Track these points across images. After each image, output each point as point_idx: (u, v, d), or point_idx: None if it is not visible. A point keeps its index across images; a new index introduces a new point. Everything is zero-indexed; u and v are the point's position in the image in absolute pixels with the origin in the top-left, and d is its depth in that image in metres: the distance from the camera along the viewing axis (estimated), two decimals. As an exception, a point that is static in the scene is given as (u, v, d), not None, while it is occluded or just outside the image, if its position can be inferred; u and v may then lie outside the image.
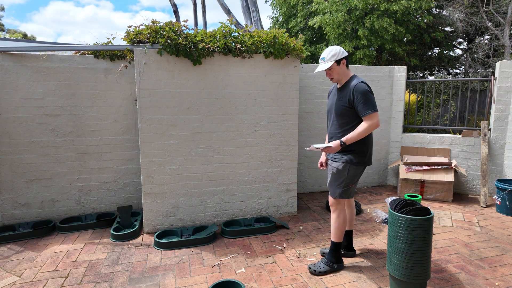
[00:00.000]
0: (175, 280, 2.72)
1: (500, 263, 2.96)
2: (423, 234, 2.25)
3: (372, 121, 2.59)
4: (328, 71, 2.74)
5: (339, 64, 2.70)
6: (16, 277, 2.78)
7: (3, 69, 3.59)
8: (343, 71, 2.74)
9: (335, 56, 2.68)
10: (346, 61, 2.72)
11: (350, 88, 2.67)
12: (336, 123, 2.79)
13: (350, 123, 2.71)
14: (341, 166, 2.73)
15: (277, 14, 14.58)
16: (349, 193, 2.82)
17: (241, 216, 3.95)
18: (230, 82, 3.67)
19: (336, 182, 2.78)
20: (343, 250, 3.09)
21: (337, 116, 2.76)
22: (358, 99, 2.61)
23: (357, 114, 2.67)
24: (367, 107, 2.59)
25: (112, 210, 4.12)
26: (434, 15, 11.50)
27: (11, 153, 3.71)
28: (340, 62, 2.70)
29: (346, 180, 2.75)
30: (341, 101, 2.73)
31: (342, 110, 2.72)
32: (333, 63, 2.68)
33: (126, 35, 3.38)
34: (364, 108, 2.60)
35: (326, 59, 2.71)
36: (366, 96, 2.60)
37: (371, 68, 5.13)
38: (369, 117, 2.60)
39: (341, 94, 2.75)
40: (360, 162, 2.73)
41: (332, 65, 2.69)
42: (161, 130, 3.52)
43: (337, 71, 2.72)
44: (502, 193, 4.13)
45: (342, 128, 2.74)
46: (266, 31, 3.74)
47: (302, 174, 5.03)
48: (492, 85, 4.79)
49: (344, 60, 2.71)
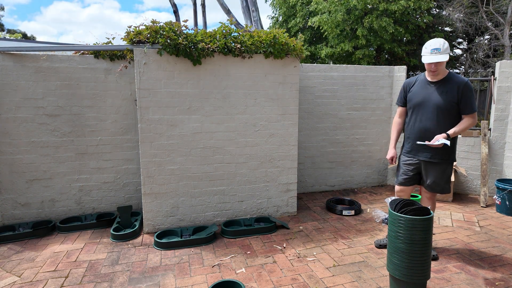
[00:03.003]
0: (175, 280, 2.72)
1: (500, 263, 2.96)
2: (423, 234, 2.25)
3: (474, 119, 2.71)
4: (438, 63, 2.68)
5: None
6: (16, 277, 2.78)
7: (3, 69, 3.59)
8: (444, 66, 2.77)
9: (448, 49, 2.67)
10: None
11: (459, 84, 2.68)
12: (435, 117, 2.77)
13: (451, 118, 2.75)
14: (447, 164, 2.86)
15: (277, 14, 14.58)
16: None
17: (241, 216, 3.95)
18: (230, 82, 3.67)
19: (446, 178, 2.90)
20: None
21: (440, 111, 2.75)
22: (467, 96, 2.67)
23: (457, 110, 2.74)
24: (474, 105, 2.70)
25: (112, 210, 4.12)
26: (434, 15, 11.50)
27: (11, 153, 3.71)
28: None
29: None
30: (447, 96, 2.72)
31: (449, 105, 2.72)
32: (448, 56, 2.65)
33: (126, 35, 3.38)
34: (471, 106, 2.68)
35: (441, 50, 2.63)
36: (473, 94, 2.70)
37: (371, 68, 5.13)
38: (473, 116, 2.71)
39: (443, 88, 2.74)
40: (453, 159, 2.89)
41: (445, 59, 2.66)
42: (161, 130, 3.52)
43: (444, 65, 2.73)
44: (502, 193, 4.13)
45: (442, 123, 2.76)
46: (266, 31, 3.74)
47: (302, 174, 5.03)
48: (492, 85, 4.79)
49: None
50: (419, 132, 2.89)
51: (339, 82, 5.01)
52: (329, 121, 5.06)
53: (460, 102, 2.69)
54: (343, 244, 3.36)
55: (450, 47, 12.56)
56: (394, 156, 3.14)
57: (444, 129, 2.75)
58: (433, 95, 2.77)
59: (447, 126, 2.75)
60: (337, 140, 5.16)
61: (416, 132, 2.91)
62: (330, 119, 5.06)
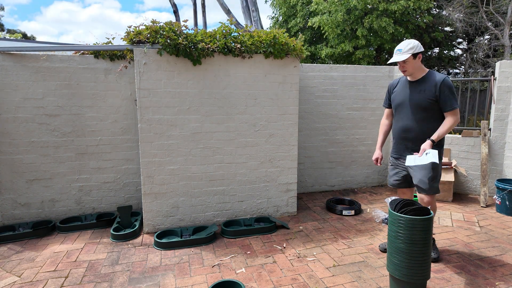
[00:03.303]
0: (175, 280, 2.72)
1: (500, 263, 2.96)
2: (423, 234, 2.25)
3: (457, 116, 2.67)
4: (403, 63, 2.75)
5: (415, 57, 2.72)
6: (16, 277, 2.78)
7: (3, 69, 3.59)
8: (418, 65, 2.75)
9: (413, 49, 2.68)
10: (422, 55, 2.76)
11: (436, 81, 2.68)
12: (415, 116, 2.78)
13: (431, 117, 2.73)
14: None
15: (277, 14, 14.58)
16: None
17: (241, 216, 3.95)
18: (230, 82, 3.67)
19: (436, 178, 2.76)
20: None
21: (419, 110, 2.76)
22: (445, 94, 2.64)
23: (438, 108, 2.70)
24: (454, 102, 2.64)
25: (112, 210, 4.12)
26: (434, 15, 11.50)
27: (11, 153, 3.71)
28: (417, 56, 2.72)
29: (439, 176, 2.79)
30: (425, 94, 2.72)
31: (427, 103, 2.72)
32: (409, 55, 2.68)
33: (126, 35, 3.38)
34: (451, 103, 2.64)
35: (403, 51, 2.71)
36: (452, 91, 2.65)
37: (370, 68, 5.14)
38: (454, 112, 2.66)
39: (421, 87, 2.75)
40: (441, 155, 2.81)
41: (408, 58, 2.69)
42: (161, 130, 3.52)
43: (413, 64, 2.74)
44: (502, 193, 4.13)
45: (422, 122, 2.76)
46: (266, 31, 3.74)
47: (302, 174, 5.03)
48: (492, 85, 4.79)
49: (420, 54, 2.73)
50: (400, 131, 2.92)
51: (339, 82, 5.01)
52: (329, 121, 5.06)
53: (440, 99, 2.68)
54: (343, 244, 3.36)
55: (450, 47, 12.57)
56: (379, 157, 3.14)
57: (424, 127, 2.76)
58: (412, 94, 2.80)
59: (427, 124, 2.75)
60: (337, 140, 5.16)
61: (398, 131, 2.95)
62: (330, 119, 5.06)
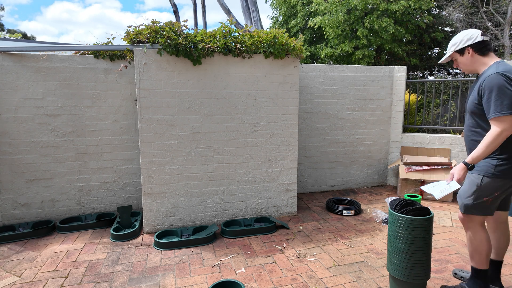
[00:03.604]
0: (175, 280, 2.72)
1: (500, 263, 2.95)
2: (423, 234, 2.25)
3: (503, 126, 2.02)
4: (454, 61, 2.38)
5: (463, 54, 2.28)
6: (16, 277, 2.78)
7: (3, 69, 3.59)
8: (472, 61, 2.27)
9: (455, 45, 2.29)
10: (474, 48, 2.23)
11: (483, 78, 2.15)
12: (467, 122, 2.33)
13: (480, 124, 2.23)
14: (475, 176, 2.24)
15: (277, 14, 14.59)
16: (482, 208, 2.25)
17: (241, 216, 3.95)
18: (230, 82, 3.67)
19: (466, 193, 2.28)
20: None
21: (469, 114, 2.30)
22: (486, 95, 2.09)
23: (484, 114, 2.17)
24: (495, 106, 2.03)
25: (112, 210, 4.12)
26: (434, 15, 11.51)
27: (11, 153, 3.71)
28: (464, 52, 2.27)
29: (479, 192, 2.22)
30: (472, 95, 2.24)
31: (473, 107, 2.23)
32: (451, 53, 2.34)
33: (126, 35, 3.38)
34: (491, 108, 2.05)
35: (448, 49, 2.37)
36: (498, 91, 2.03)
37: (371, 68, 5.13)
38: (497, 120, 2.04)
39: (474, 86, 2.28)
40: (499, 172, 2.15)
41: (453, 55, 2.34)
42: (161, 130, 3.52)
43: (463, 61, 2.30)
44: (502, 193, 4.13)
45: (472, 130, 2.29)
46: (266, 31, 3.74)
47: (302, 174, 5.03)
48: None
49: (470, 48, 2.24)
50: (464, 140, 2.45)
51: (339, 82, 5.02)
52: (329, 121, 5.06)
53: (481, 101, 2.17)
54: (343, 244, 3.36)
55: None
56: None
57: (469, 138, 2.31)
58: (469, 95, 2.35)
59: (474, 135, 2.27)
60: (337, 140, 5.16)
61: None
62: (330, 119, 5.06)
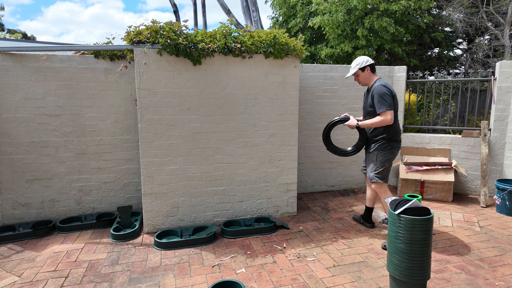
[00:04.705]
0: (175, 280, 2.72)
1: (500, 263, 2.96)
2: (423, 234, 2.25)
3: (383, 117, 3.18)
4: (356, 76, 3.41)
5: (364, 70, 3.35)
6: (16, 277, 2.78)
7: (3, 69, 3.59)
8: (367, 76, 3.37)
9: (360, 64, 3.33)
10: (370, 67, 3.33)
11: (372, 89, 3.27)
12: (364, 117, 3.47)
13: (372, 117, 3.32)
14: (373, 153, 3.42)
15: (277, 14, 14.57)
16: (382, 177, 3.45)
17: (241, 216, 3.95)
18: (230, 82, 3.67)
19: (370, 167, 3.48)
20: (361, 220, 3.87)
21: (366, 115, 3.41)
22: (375, 99, 3.21)
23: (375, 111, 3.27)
24: (379, 106, 3.18)
25: (112, 210, 4.12)
26: (434, 15, 11.50)
27: (11, 153, 3.71)
28: (365, 69, 3.34)
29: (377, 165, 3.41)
30: (367, 101, 3.35)
31: (368, 109, 3.35)
32: (356, 70, 3.34)
33: (126, 35, 3.38)
34: (378, 107, 3.20)
35: (352, 67, 3.39)
36: (382, 96, 3.16)
37: (371, 68, 5.13)
38: (381, 114, 3.19)
39: (368, 95, 3.38)
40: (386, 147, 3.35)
41: (357, 72, 3.36)
42: (161, 130, 3.52)
43: (363, 76, 3.38)
44: (502, 193, 4.13)
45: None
46: (266, 31, 3.74)
47: (302, 174, 5.03)
48: (492, 85, 4.79)
49: (368, 67, 3.32)
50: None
51: (339, 82, 5.01)
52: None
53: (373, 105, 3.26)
54: (343, 244, 3.36)
55: (450, 47, 12.56)
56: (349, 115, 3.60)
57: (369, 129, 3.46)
58: (364, 101, 3.47)
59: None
60: (337, 140, 5.15)
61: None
62: (330, 119, 5.04)
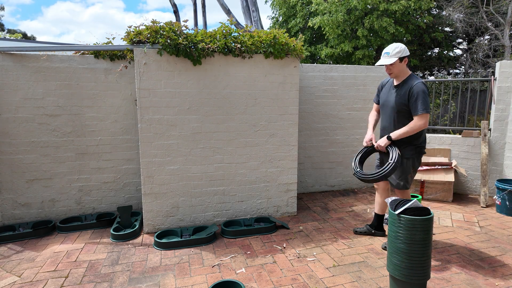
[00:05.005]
0: (175, 280, 2.72)
1: (500, 263, 2.96)
2: (423, 234, 2.25)
3: (421, 121, 2.81)
4: (390, 66, 2.92)
5: (402, 61, 2.90)
6: (16, 277, 2.78)
7: (3, 69, 3.59)
8: (403, 68, 2.93)
9: (400, 53, 2.86)
10: (407, 59, 2.92)
11: (410, 86, 2.86)
12: (392, 118, 3.02)
13: (404, 120, 2.93)
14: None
15: (277, 14, 14.58)
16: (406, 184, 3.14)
17: (241, 216, 3.95)
18: (230, 82, 3.67)
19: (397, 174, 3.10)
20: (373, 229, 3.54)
21: (395, 112, 2.98)
22: (414, 98, 2.82)
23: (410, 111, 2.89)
24: (419, 106, 2.79)
25: (112, 210, 4.12)
26: (434, 15, 11.50)
27: (11, 153, 3.71)
28: (403, 60, 2.90)
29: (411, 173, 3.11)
30: (400, 98, 2.93)
31: (400, 107, 2.93)
32: (396, 59, 2.87)
33: (126, 35, 3.38)
34: (416, 107, 2.81)
35: (390, 54, 2.87)
36: (425, 97, 2.79)
37: (371, 68, 5.13)
38: (420, 116, 2.81)
39: (400, 91, 2.95)
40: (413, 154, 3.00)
41: (395, 62, 2.88)
42: (161, 130, 3.52)
43: (399, 67, 2.92)
44: (502, 193, 4.13)
45: (396, 123, 2.99)
46: (266, 31, 3.74)
47: (302, 174, 5.03)
48: (492, 85, 4.79)
49: (406, 58, 2.90)
50: (381, 131, 3.21)
51: (339, 82, 5.02)
52: (329, 121, 5.06)
53: (409, 103, 2.88)
54: (343, 244, 3.36)
55: (450, 47, 12.57)
56: (372, 137, 3.22)
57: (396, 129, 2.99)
58: (394, 97, 3.00)
59: (401, 126, 2.94)
60: (337, 140, 5.16)
61: (380, 130, 3.23)
62: (330, 119, 5.06)
